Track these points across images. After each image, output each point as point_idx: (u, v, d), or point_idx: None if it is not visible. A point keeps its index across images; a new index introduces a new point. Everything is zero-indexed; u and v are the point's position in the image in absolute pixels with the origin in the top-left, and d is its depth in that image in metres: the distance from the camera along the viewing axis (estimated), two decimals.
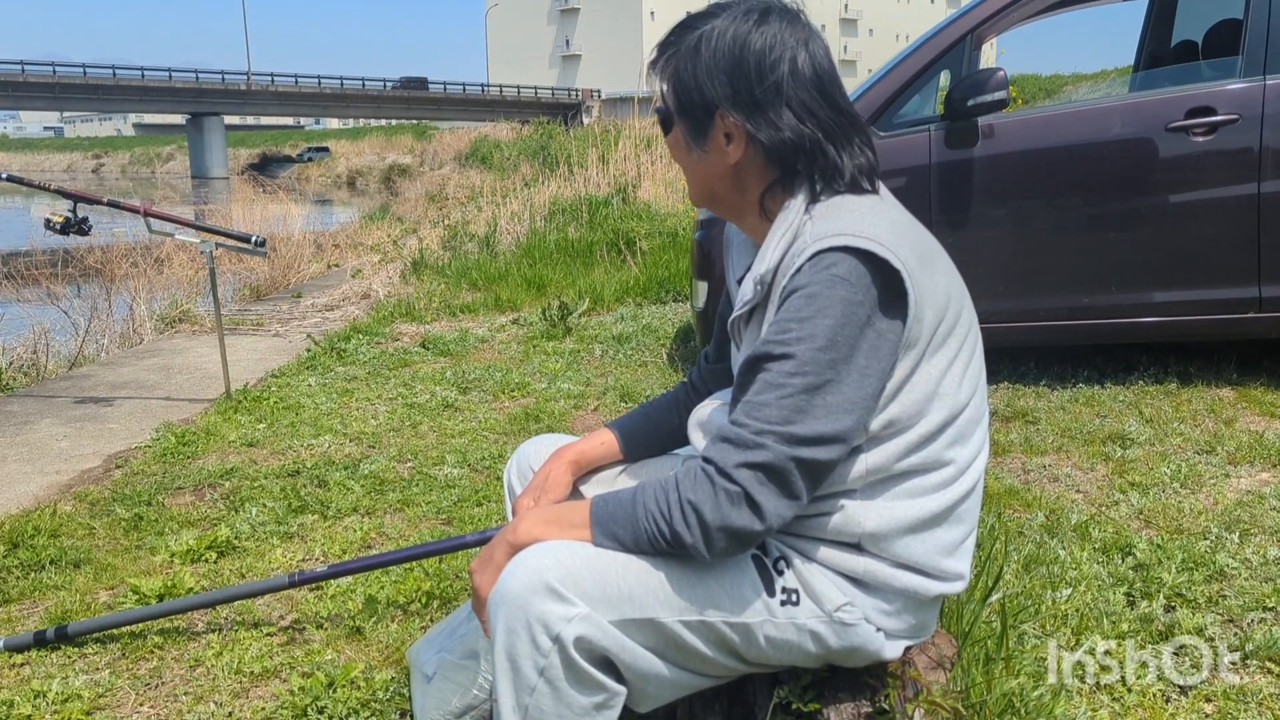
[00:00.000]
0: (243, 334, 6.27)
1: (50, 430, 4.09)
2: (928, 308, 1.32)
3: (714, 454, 1.27)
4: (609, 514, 1.33)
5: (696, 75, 1.38)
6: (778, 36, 1.36)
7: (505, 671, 1.28)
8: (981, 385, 1.45)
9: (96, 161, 75.03)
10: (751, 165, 1.40)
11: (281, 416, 4.10)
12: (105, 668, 2.15)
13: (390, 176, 42.88)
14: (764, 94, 1.35)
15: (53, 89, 52.62)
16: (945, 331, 1.36)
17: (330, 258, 10.80)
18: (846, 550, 1.38)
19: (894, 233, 1.32)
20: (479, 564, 1.37)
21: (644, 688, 1.35)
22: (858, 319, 1.26)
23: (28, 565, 2.68)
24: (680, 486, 1.28)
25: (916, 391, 1.34)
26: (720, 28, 1.38)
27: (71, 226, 4.06)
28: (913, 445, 1.36)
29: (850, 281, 1.26)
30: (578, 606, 1.26)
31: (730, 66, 1.36)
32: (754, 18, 1.38)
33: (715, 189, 1.45)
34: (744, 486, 1.25)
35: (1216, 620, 2.13)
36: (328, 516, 3.00)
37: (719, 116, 1.38)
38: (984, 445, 1.47)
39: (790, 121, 1.36)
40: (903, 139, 4.07)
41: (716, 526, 1.26)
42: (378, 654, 2.17)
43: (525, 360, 5.05)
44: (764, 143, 1.37)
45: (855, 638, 1.39)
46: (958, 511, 1.42)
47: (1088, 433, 3.48)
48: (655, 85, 1.46)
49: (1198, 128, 3.77)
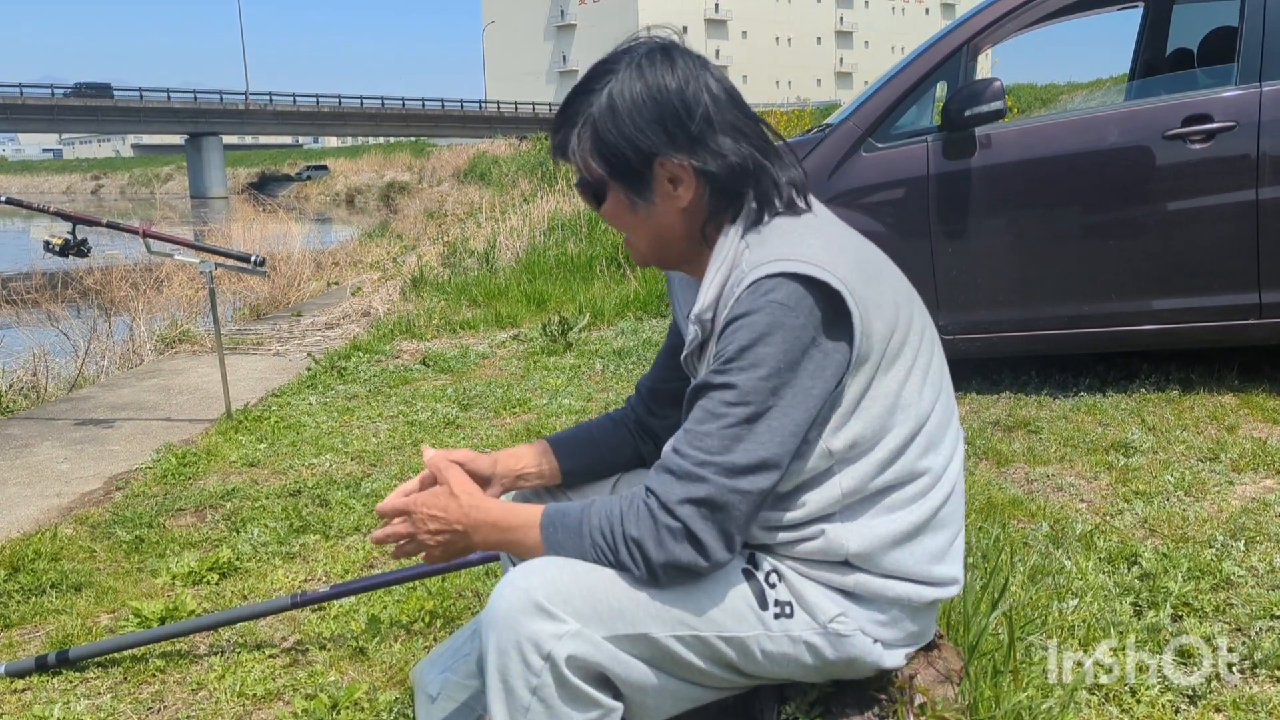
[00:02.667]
0: (243, 353, 6.27)
1: (50, 453, 4.08)
2: (875, 321, 1.31)
3: (656, 486, 1.28)
4: (559, 539, 1.33)
5: (623, 133, 1.34)
6: (687, 70, 1.35)
7: (498, 692, 1.27)
8: (945, 388, 1.45)
9: (95, 183, 75.18)
10: (699, 202, 1.38)
11: (282, 436, 4.09)
12: (107, 692, 2.13)
13: (389, 194, 42.92)
14: (698, 128, 1.33)
15: (51, 111, 52.80)
16: (899, 343, 1.35)
17: (330, 276, 10.81)
18: (835, 569, 1.38)
19: (831, 252, 1.31)
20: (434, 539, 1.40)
21: (642, 700, 1.34)
22: (800, 342, 1.26)
23: (29, 589, 2.67)
24: (624, 521, 1.28)
25: (877, 406, 1.34)
26: (626, 81, 1.34)
27: (71, 248, 4.06)
28: (884, 461, 1.36)
29: (790, 306, 1.26)
30: (568, 624, 1.25)
31: (656, 113, 1.33)
32: (657, 58, 1.35)
33: (667, 239, 1.41)
34: (685, 523, 1.25)
35: (1224, 629, 2.11)
36: (330, 536, 2.99)
37: (658, 165, 1.35)
38: (957, 446, 1.47)
39: (729, 145, 1.35)
40: (900, 150, 4.08)
41: (660, 563, 1.27)
42: (381, 675, 2.15)
43: (526, 376, 5.05)
44: (714, 173, 1.34)
45: (852, 649, 1.38)
46: (939, 517, 1.42)
47: (1090, 442, 3.47)
48: (569, 162, 1.41)
49: (1195, 135, 3.77)
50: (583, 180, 1.43)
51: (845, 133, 4.14)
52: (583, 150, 1.38)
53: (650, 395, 1.69)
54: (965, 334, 4.07)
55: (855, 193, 4.09)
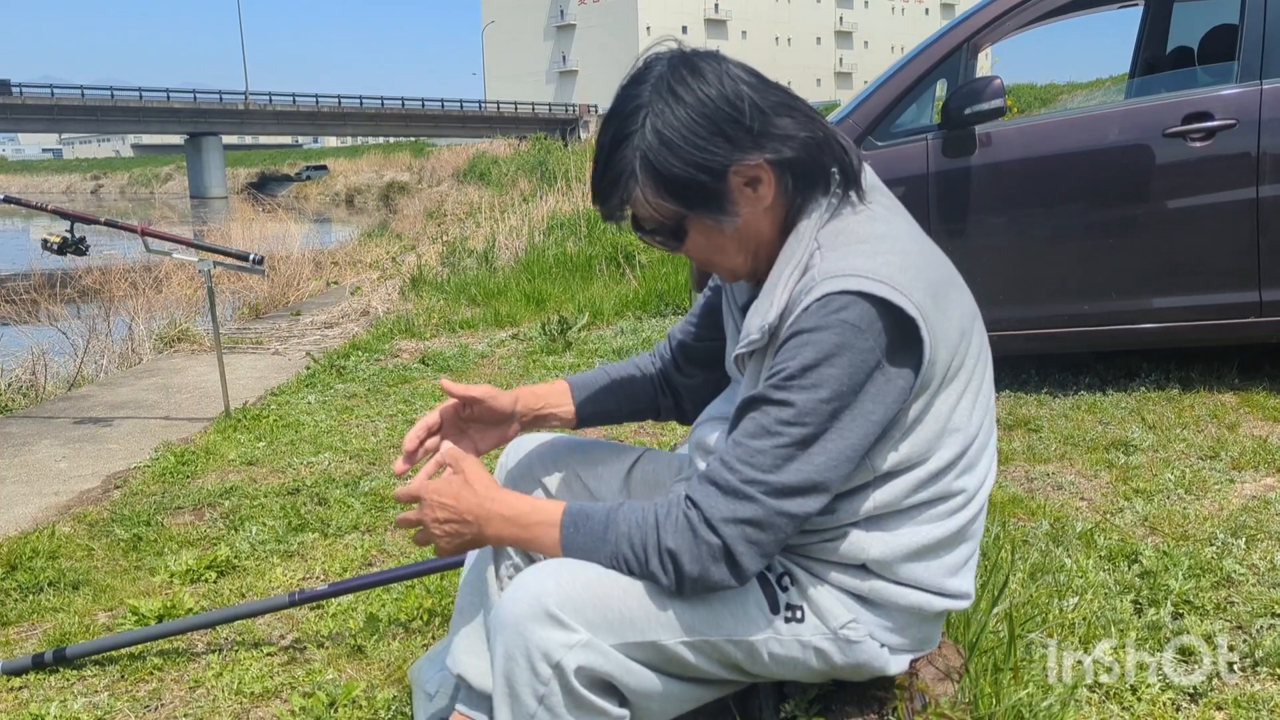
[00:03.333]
0: (242, 352, 6.26)
1: (49, 451, 4.08)
2: (941, 349, 1.28)
3: (700, 499, 1.24)
4: (579, 542, 1.29)
5: (688, 160, 1.26)
6: (716, 71, 1.29)
7: (503, 698, 1.26)
8: (991, 409, 1.42)
9: (95, 183, 75.19)
10: (784, 193, 1.32)
11: (281, 434, 4.08)
12: (104, 690, 2.12)
13: (389, 194, 42.94)
14: (755, 122, 1.27)
15: (51, 111, 52.78)
16: (957, 366, 1.32)
17: (329, 275, 10.81)
18: (851, 572, 1.37)
19: (908, 272, 1.25)
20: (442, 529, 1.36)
21: (648, 705, 1.33)
22: (866, 366, 1.22)
23: (26, 587, 2.66)
24: (661, 531, 1.25)
25: (927, 430, 1.32)
26: (664, 107, 1.26)
27: (69, 247, 4.05)
28: (922, 481, 1.34)
29: (861, 328, 1.21)
30: (578, 633, 1.24)
31: (711, 126, 1.26)
32: (682, 72, 1.28)
33: (761, 244, 1.35)
34: (727, 542, 1.22)
35: (1225, 627, 2.11)
36: (328, 534, 2.98)
37: (733, 174, 1.28)
38: (991, 467, 1.44)
39: (790, 125, 1.29)
40: (900, 148, 4.07)
41: (693, 578, 1.25)
42: (379, 673, 2.14)
43: (525, 375, 5.04)
44: (789, 157, 1.28)
45: (860, 654, 1.38)
46: (964, 533, 1.40)
47: (1090, 440, 3.46)
48: (630, 217, 1.34)
49: (1195, 133, 3.77)
50: (658, 227, 1.34)
51: (845, 131, 4.11)
52: (648, 197, 1.29)
53: (680, 350, 1.65)
54: None
55: None
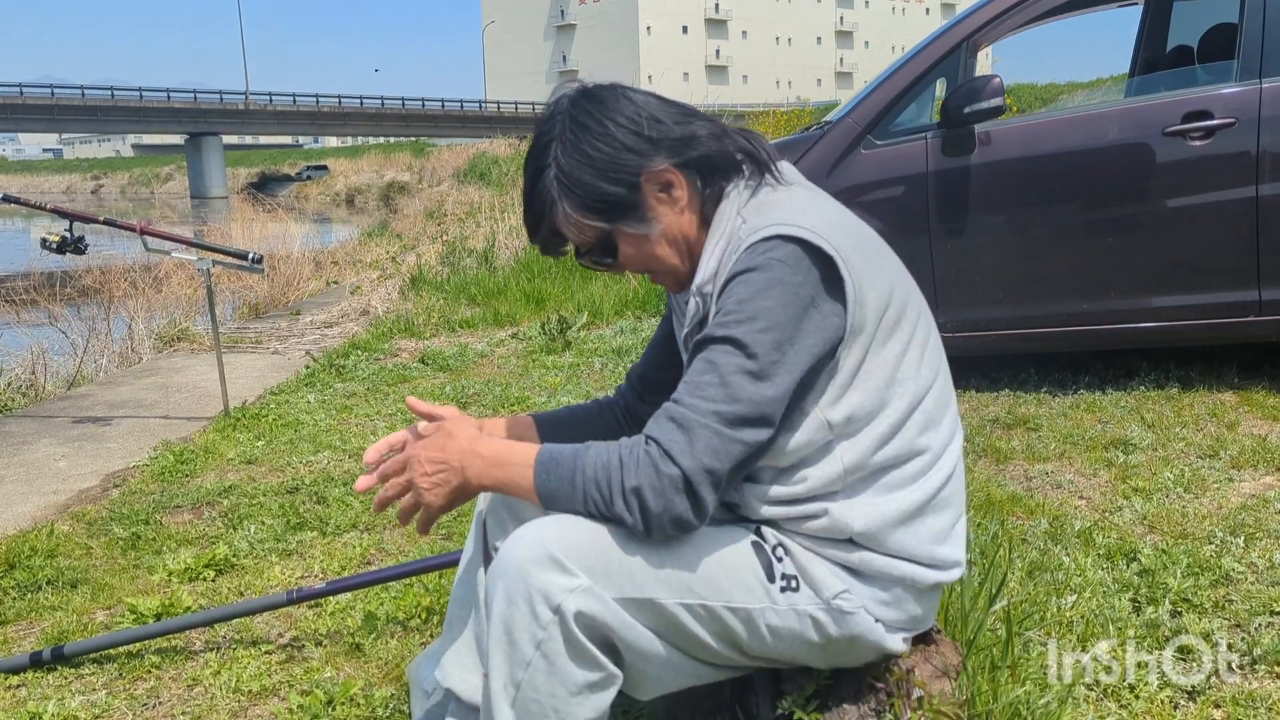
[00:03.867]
0: (241, 352, 6.26)
1: (48, 450, 4.08)
2: (869, 292, 1.33)
3: (658, 434, 1.27)
4: (550, 486, 1.31)
5: (600, 173, 1.37)
6: (615, 96, 1.40)
7: (500, 645, 1.26)
8: (943, 370, 1.46)
9: (95, 183, 75.19)
10: (695, 191, 1.42)
11: (280, 434, 4.08)
12: (102, 688, 2.12)
13: (389, 194, 42.90)
14: (654, 130, 1.38)
15: (51, 111, 52.79)
16: (894, 317, 1.37)
17: (329, 275, 10.80)
18: (840, 546, 1.39)
19: (829, 224, 1.34)
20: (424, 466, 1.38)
21: (644, 668, 1.33)
22: (800, 299, 1.29)
23: (24, 586, 2.66)
24: (624, 471, 1.27)
25: (874, 379, 1.36)
26: (570, 135, 1.38)
27: (68, 245, 4.05)
28: (884, 436, 1.37)
29: (788, 264, 1.29)
30: (579, 578, 1.25)
31: (614, 142, 1.37)
32: (582, 103, 1.40)
33: (687, 243, 1.44)
34: (687, 473, 1.25)
35: (1224, 625, 2.11)
36: (327, 533, 2.98)
37: (645, 182, 1.39)
38: (956, 430, 1.48)
39: (688, 128, 1.40)
40: (900, 147, 4.07)
41: (657, 513, 1.26)
42: (377, 671, 2.14)
43: (524, 375, 5.04)
44: (693, 156, 1.39)
45: (855, 626, 1.38)
46: (940, 497, 1.42)
47: (1090, 439, 3.46)
48: (564, 241, 1.44)
49: (1194, 132, 3.77)
50: (591, 247, 1.44)
51: (844, 130, 4.13)
52: (573, 219, 1.40)
53: (641, 382, 1.70)
54: (964, 332, 4.06)
55: (854, 190, 4.08)
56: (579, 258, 1.48)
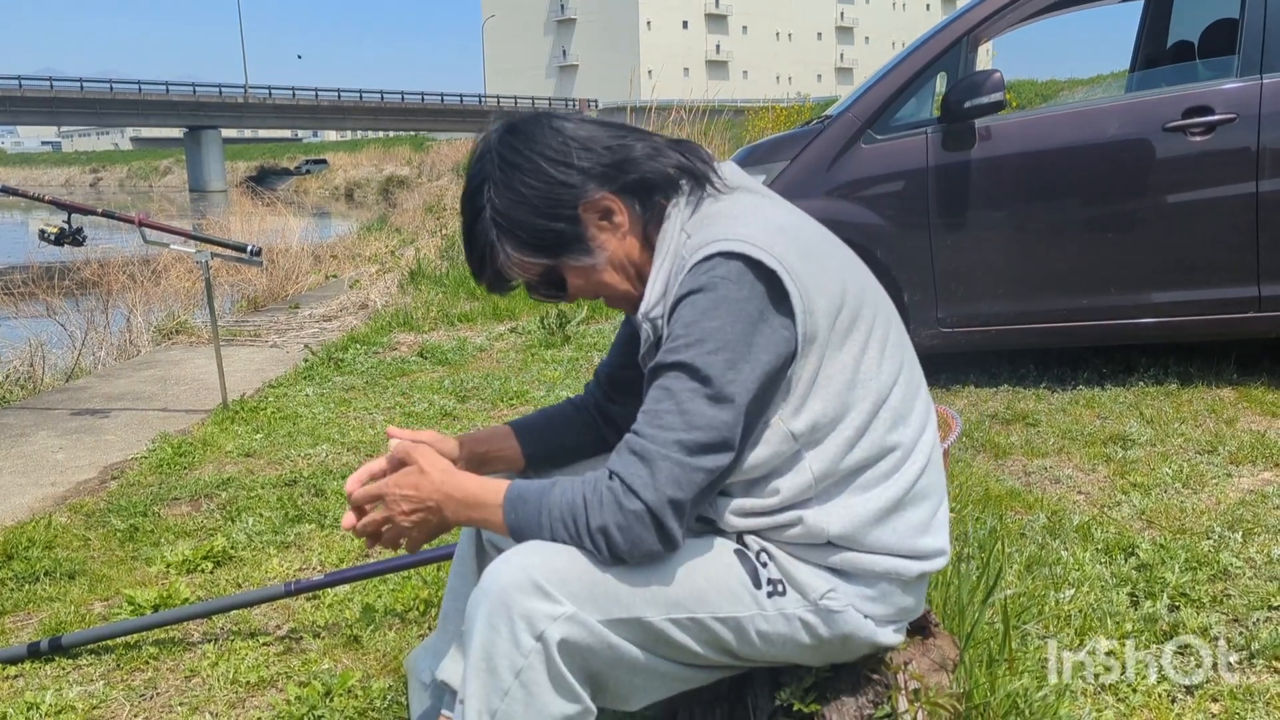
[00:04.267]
0: (240, 345, 6.26)
1: (46, 442, 4.08)
2: (819, 298, 1.31)
3: (621, 470, 1.26)
4: (519, 525, 1.31)
5: (537, 211, 1.36)
6: (541, 128, 1.38)
7: (479, 672, 1.24)
8: (907, 361, 1.44)
9: (94, 175, 75.11)
10: (635, 214, 1.41)
11: (279, 426, 4.08)
12: (100, 679, 2.12)
13: (388, 188, 42.86)
14: (586, 159, 1.36)
15: (50, 103, 52.71)
16: (849, 318, 1.35)
17: (328, 269, 10.79)
18: (819, 550, 1.37)
19: (769, 232, 1.31)
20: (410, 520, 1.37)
21: (632, 681, 1.32)
22: (746, 316, 1.27)
23: (22, 577, 2.66)
24: (589, 511, 1.25)
25: (834, 384, 1.33)
26: (501, 176, 1.37)
27: (66, 237, 4.05)
28: (851, 440, 1.35)
29: (731, 280, 1.27)
30: (564, 605, 1.23)
31: (547, 175, 1.35)
32: (508, 140, 1.38)
33: (634, 266, 1.42)
34: (651, 507, 1.23)
35: (1221, 620, 2.11)
36: (325, 526, 2.98)
37: (583, 212, 1.37)
38: (928, 418, 1.46)
39: (622, 150, 1.38)
40: (900, 142, 4.07)
41: (626, 550, 1.25)
42: (375, 663, 2.14)
43: (524, 369, 5.04)
44: (629, 180, 1.38)
45: (844, 625, 1.37)
46: (916, 490, 1.40)
47: (1088, 434, 3.46)
48: (511, 281, 1.43)
49: (1195, 128, 3.76)
50: (535, 284, 1.44)
51: (844, 124, 4.13)
52: (515, 258, 1.39)
53: (609, 382, 1.69)
54: (964, 327, 4.06)
55: (854, 184, 4.08)
56: (531, 294, 1.47)
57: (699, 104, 12.54)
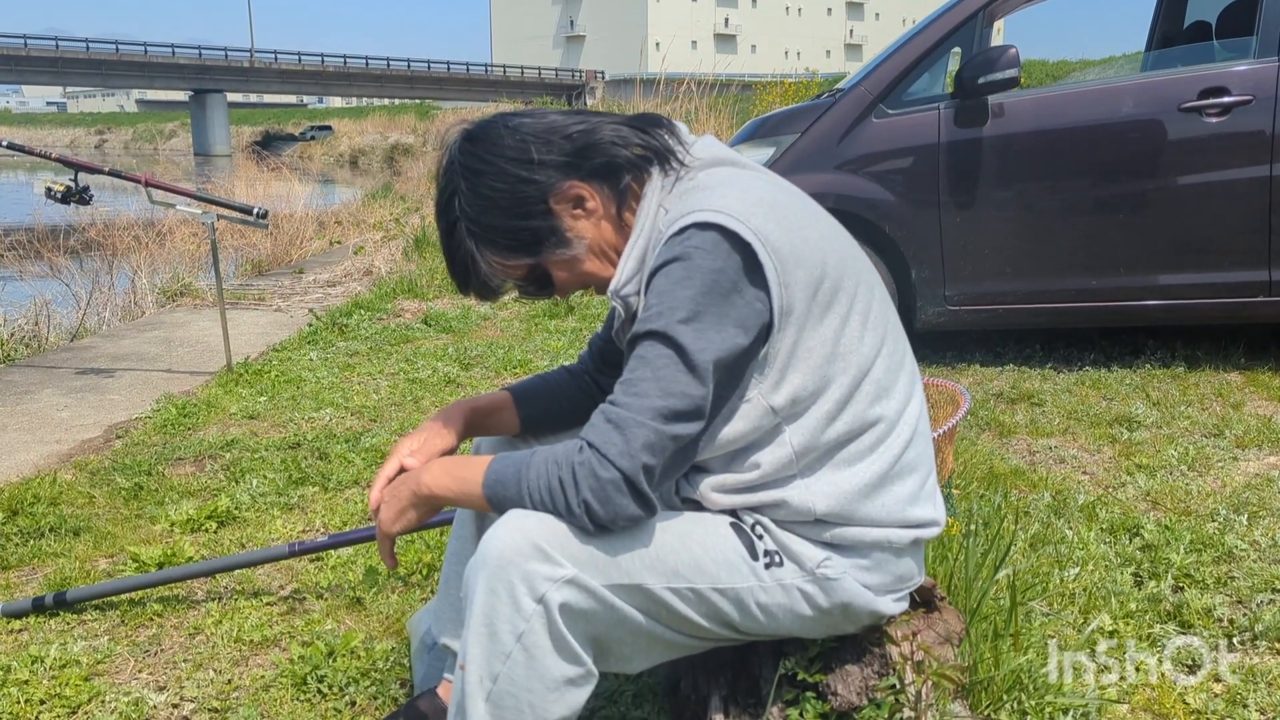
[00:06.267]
0: (244, 308, 6.24)
1: (51, 400, 4.07)
2: (797, 270, 1.29)
3: (596, 440, 1.24)
4: (501, 494, 1.29)
5: (509, 213, 1.36)
6: (497, 129, 1.39)
7: (480, 637, 1.23)
8: (890, 333, 1.42)
9: (99, 137, 74.75)
10: (607, 197, 1.40)
11: (283, 390, 4.08)
12: (104, 634, 2.13)
13: (393, 156, 42.68)
14: (544, 151, 1.36)
15: (56, 63, 52.41)
16: (829, 291, 1.33)
17: (332, 235, 10.75)
18: (809, 527, 1.37)
19: (747, 203, 1.30)
20: (387, 502, 1.40)
21: (635, 643, 1.32)
22: (720, 286, 1.26)
23: (27, 532, 2.66)
24: (565, 490, 1.24)
25: (814, 357, 1.32)
26: (467, 184, 1.37)
27: (73, 195, 4.03)
28: (831, 414, 1.34)
29: (705, 250, 1.26)
30: (565, 568, 1.22)
31: (511, 175, 1.36)
32: (469, 148, 1.39)
33: (614, 249, 1.42)
34: (626, 474, 1.22)
35: (1225, 601, 2.11)
36: (329, 489, 2.98)
37: (552, 205, 1.37)
38: (913, 389, 1.45)
39: (582, 137, 1.38)
40: (912, 117, 4.04)
41: (609, 519, 1.24)
42: (378, 624, 2.15)
43: (527, 338, 5.03)
44: (594, 165, 1.37)
45: (843, 593, 1.37)
46: (903, 463, 1.39)
47: (1094, 415, 3.45)
48: (499, 285, 1.44)
49: (1211, 108, 3.73)
50: (524, 284, 1.45)
51: (856, 98, 4.10)
52: (497, 263, 1.40)
53: (600, 355, 1.70)
54: (971, 305, 4.05)
55: (864, 159, 4.06)
56: (520, 293, 1.47)
57: (708, 77, 12.46)
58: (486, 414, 1.64)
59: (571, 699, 1.26)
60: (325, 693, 1.88)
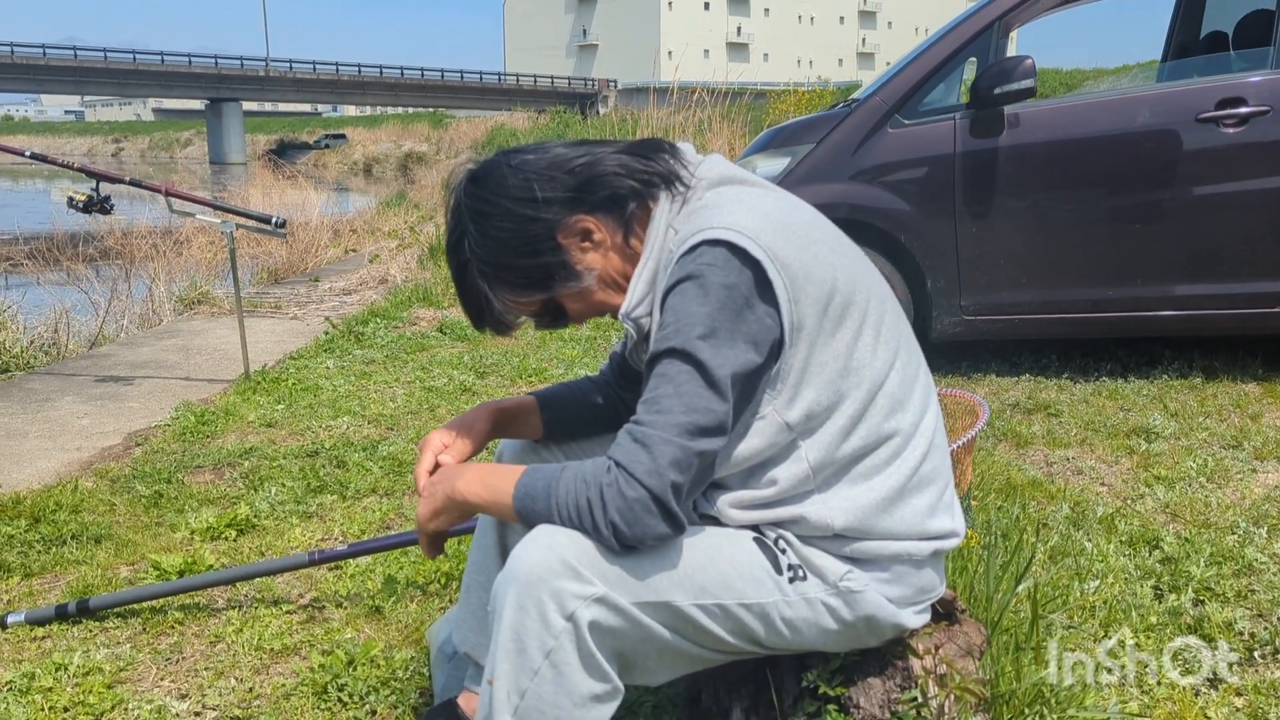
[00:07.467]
0: (261, 316, 6.28)
1: (71, 408, 4.11)
2: (807, 286, 1.30)
3: (623, 459, 1.25)
4: (531, 508, 1.30)
5: (519, 252, 1.38)
6: (501, 170, 1.40)
7: (508, 653, 1.24)
8: (904, 346, 1.42)
9: (116, 146, 75.29)
10: (614, 227, 1.41)
11: (300, 398, 4.10)
12: (126, 642, 2.14)
13: (407, 164, 42.89)
14: (548, 189, 1.38)
15: (74, 73, 52.82)
16: (841, 305, 1.33)
17: (348, 243, 10.81)
18: (829, 542, 1.38)
19: (755, 219, 1.31)
20: (425, 499, 1.41)
21: (661, 658, 1.33)
22: (733, 302, 1.26)
23: (49, 540, 2.69)
24: (594, 510, 1.24)
25: (827, 372, 1.32)
26: (476, 225, 1.39)
27: (94, 205, 4.07)
28: (845, 429, 1.34)
29: (717, 266, 1.27)
30: (595, 586, 1.23)
31: (518, 214, 1.37)
32: (474, 189, 1.40)
33: (623, 279, 1.42)
34: (654, 492, 1.22)
35: (1246, 615, 2.10)
36: (347, 497, 2.99)
37: (560, 240, 1.39)
38: (928, 402, 1.45)
39: (585, 170, 1.39)
40: (927, 127, 4.04)
41: (638, 537, 1.24)
42: (397, 633, 2.16)
43: (542, 346, 5.04)
44: (597, 198, 1.38)
45: (866, 606, 1.38)
46: (920, 476, 1.40)
47: (1111, 426, 3.44)
48: (514, 320, 1.47)
49: (1228, 119, 3.72)
50: (538, 317, 1.47)
51: (872, 108, 4.10)
52: (510, 302, 1.43)
53: (619, 369, 1.70)
54: (987, 315, 4.04)
55: (880, 169, 4.06)
56: (536, 325, 1.50)
57: (721, 86, 12.47)
58: (512, 417, 1.65)
59: (598, 715, 1.27)
60: (346, 701, 1.89)
